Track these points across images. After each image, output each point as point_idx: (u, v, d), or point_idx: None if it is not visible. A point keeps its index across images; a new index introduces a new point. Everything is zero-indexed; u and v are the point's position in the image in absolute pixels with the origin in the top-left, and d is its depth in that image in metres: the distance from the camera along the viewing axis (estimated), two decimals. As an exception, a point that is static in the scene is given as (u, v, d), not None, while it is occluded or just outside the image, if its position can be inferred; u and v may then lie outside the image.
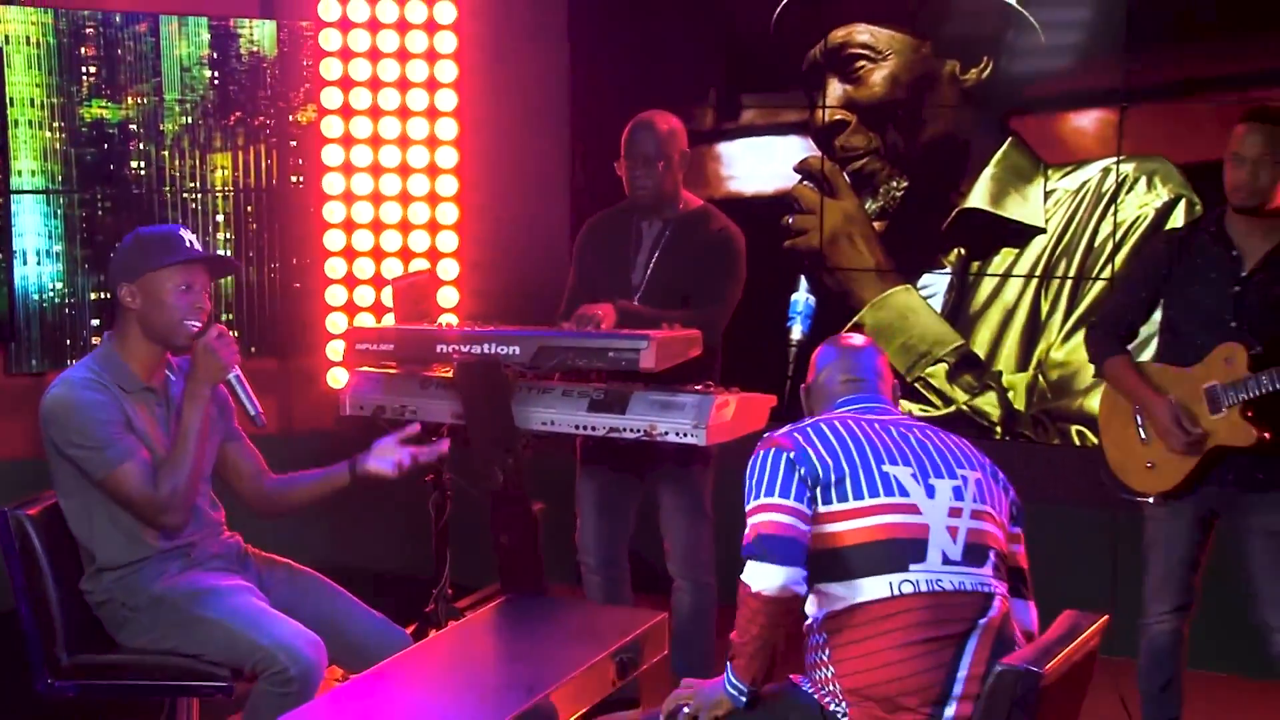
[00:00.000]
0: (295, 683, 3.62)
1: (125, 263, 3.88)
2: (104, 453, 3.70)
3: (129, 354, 3.86)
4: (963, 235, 6.29)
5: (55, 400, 3.77)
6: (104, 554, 3.79)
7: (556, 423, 4.42)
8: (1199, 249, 4.42)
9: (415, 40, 6.74)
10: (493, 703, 3.19)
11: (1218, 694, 5.28)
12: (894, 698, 3.06)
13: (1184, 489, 4.39)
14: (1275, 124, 4.26)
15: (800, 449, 3.19)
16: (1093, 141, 6.05)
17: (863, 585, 3.12)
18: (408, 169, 6.82)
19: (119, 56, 6.49)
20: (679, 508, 4.85)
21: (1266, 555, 4.37)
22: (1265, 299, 4.28)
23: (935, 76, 6.27)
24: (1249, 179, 4.25)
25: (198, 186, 6.72)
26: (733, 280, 4.81)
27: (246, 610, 3.74)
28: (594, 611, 4.11)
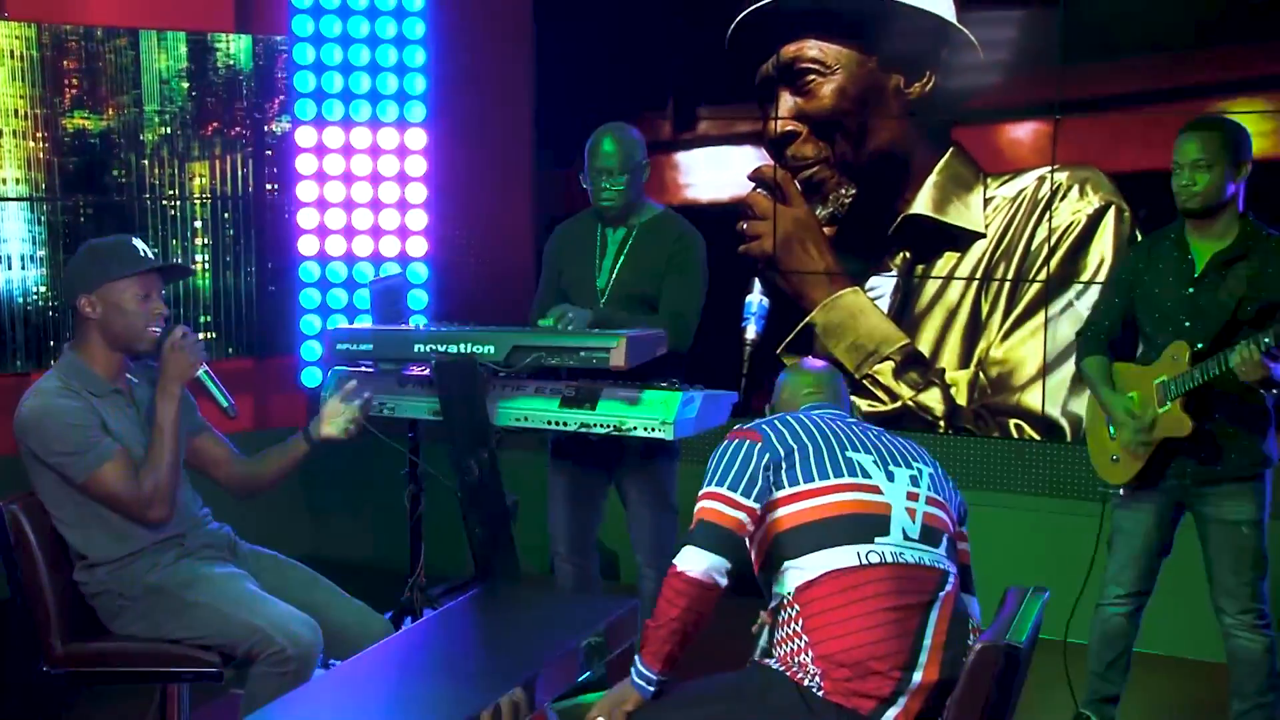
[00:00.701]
0: (293, 662, 3.60)
1: (83, 274, 3.83)
2: (84, 457, 3.66)
3: (92, 360, 3.82)
4: (908, 240, 6.31)
5: (30, 411, 3.73)
6: (96, 553, 3.75)
7: (530, 419, 4.38)
8: (1162, 255, 4.44)
9: (385, 54, 6.71)
10: (476, 687, 3.14)
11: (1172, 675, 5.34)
12: (864, 662, 3.05)
13: (1144, 481, 4.42)
14: (1209, 130, 4.30)
15: (767, 437, 3.24)
16: (1029, 152, 6.08)
17: (831, 554, 3.14)
18: (378, 177, 6.80)
19: (100, 69, 6.43)
20: (645, 500, 4.84)
21: (1221, 543, 4.40)
22: (1212, 298, 4.30)
23: (881, 90, 6.28)
24: (1186, 183, 4.28)
25: (176, 194, 6.67)
26: (695, 282, 4.80)
27: (242, 594, 3.72)
28: (568, 599, 4.08)
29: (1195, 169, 4.26)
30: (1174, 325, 4.36)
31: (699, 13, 6.55)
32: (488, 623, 3.67)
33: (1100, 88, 5.93)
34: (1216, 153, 4.25)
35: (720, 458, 3.24)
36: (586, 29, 6.79)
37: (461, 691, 3.12)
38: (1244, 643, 4.40)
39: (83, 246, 3.97)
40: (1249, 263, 4.28)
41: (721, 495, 3.16)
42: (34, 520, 3.70)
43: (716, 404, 4.40)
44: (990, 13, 6.08)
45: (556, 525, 4.95)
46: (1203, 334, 4.28)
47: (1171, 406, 4.30)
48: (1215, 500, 4.38)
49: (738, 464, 3.19)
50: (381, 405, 4.60)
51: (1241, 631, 4.40)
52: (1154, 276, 4.44)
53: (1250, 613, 4.39)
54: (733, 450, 3.24)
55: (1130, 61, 5.88)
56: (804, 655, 3.11)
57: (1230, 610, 4.41)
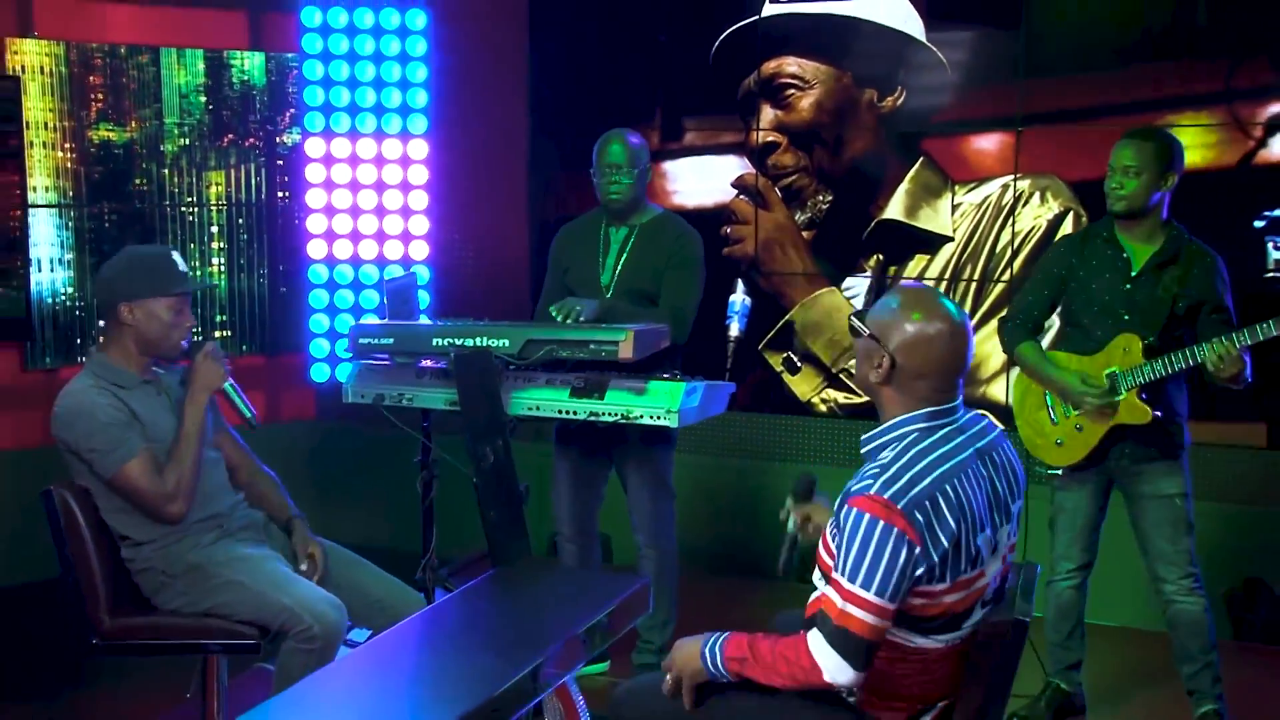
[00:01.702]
0: (319, 640, 3.60)
1: (125, 283, 3.81)
2: (111, 454, 3.66)
3: (121, 359, 3.81)
4: (881, 243, 6.32)
5: (65, 410, 3.73)
6: (140, 533, 3.73)
7: (541, 408, 4.36)
8: (1095, 252, 4.47)
9: (389, 70, 6.71)
10: (505, 659, 3.09)
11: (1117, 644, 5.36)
12: (900, 694, 2.96)
13: (1088, 462, 4.46)
14: (1144, 140, 4.34)
15: (921, 535, 2.75)
16: (993, 161, 6.10)
17: (920, 639, 2.90)
18: (383, 185, 6.80)
19: (124, 84, 6.43)
20: (644, 483, 4.84)
21: (1158, 515, 4.44)
22: (1151, 295, 4.35)
23: (856, 103, 6.29)
24: (1116, 186, 4.34)
25: (194, 201, 6.65)
26: (694, 279, 4.80)
27: (275, 575, 3.72)
28: (584, 577, 4.06)
29: (1125, 174, 4.32)
30: (1113, 318, 4.40)
31: (685, 31, 6.55)
32: (510, 600, 3.63)
33: (1058, 102, 5.96)
34: (1146, 161, 4.30)
35: (874, 548, 2.75)
36: (579, 46, 6.79)
37: (492, 663, 3.08)
38: (1185, 606, 4.44)
39: (125, 254, 3.95)
40: (1178, 265, 4.35)
41: (876, 606, 2.74)
42: (82, 503, 3.69)
43: (716, 394, 4.41)
44: (956, 33, 6.09)
45: (561, 508, 4.95)
46: (1146, 328, 4.34)
47: (1128, 396, 4.33)
48: (1150, 478, 4.43)
49: (885, 563, 2.73)
50: (400, 396, 4.58)
51: (1182, 596, 4.44)
52: (1089, 271, 4.47)
53: (1189, 577, 4.43)
54: (881, 541, 2.74)
55: (1086, 78, 5.91)
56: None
57: (1170, 577, 4.45)
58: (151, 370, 3.90)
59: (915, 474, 2.80)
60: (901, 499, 2.76)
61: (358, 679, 3.05)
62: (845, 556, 2.78)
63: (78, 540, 3.65)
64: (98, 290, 3.95)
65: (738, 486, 6.41)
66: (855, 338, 3.02)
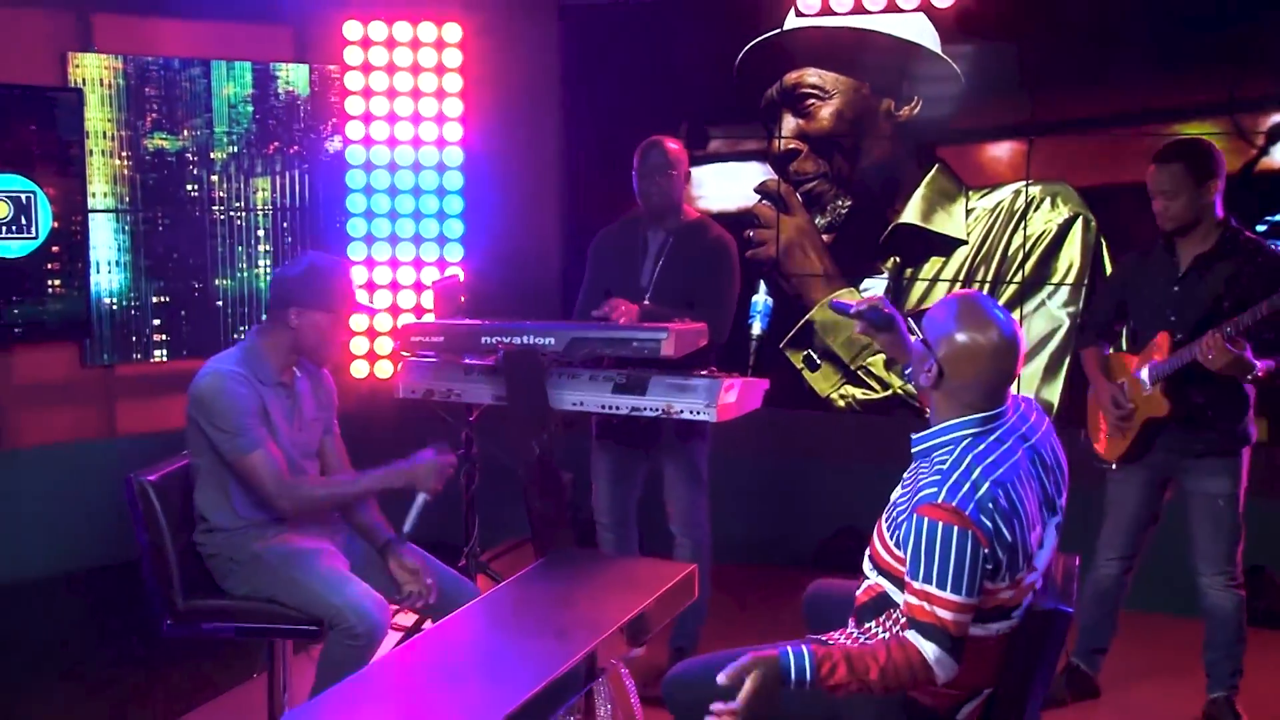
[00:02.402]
0: (362, 638, 3.61)
1: (300, 289, 3.82)
2: (237, 439, 3.69)
3: (271, 352, 3.83)
4: (897, 246, 6.32)
5: (206, 386, 3.75)
6: (217, 518, 3.75)
7: (585, 403, 4.40)
8: (1154, 260, 4.48)
9: (427, 81, 6.73)
10: (566, 641, 3.13)
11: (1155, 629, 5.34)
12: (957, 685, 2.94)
13: (1131, 456, 4.47)
14: (1175, 162, 4.31)
15: (990, 537, 2.79)
16: (1006, 168, 6.10)
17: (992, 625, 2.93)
18: (419, 190, 6.81)
19: (176, 96, 6.45)
20: (680, 476, 4.84)
21: (1201, 513, 4.45)
22: (1193, 295, 4.34)
23: (874, 112, 6.30)
24: (1162, 210, 4.33)
25: (242, 206, 6.66)
26: (729, 281, 4.80)
27: (326, 573, 3.71)
28: (631, 565, 4.09)
29: (1166, 197, 4.31)
30: (1160, 319, 4.40)
31: (710, 44, 6.55)
32: (563, 587, 3.63)
33: (1069, 111, 5.96)
34: (1180, 183, 4.28)
35: (948, 552, 2.78)
36: (608, 58, 6.79)
37: (551, 647, 3.11)
38: (1217, 599, 4.47)
39: (307, 261, 3.94)
40: (1228, 263, 4.31)
41: (965, 606, 2.78)
42: (160, 493, 3.70)
43: (752, 390, 4.43)
44: (970, 45, 6.08)
45: (600, 498, 4.97)
46: (1184, 326, 4.32)
47: (1154, 390, 4.34)
48: (1197, 474, 4.43)
49: (965, 566, 2.76)
50: (449, 392, 4.60)
51: (1216, 590, 4.46)
52: (1144, 278, 4.49)
53: (1224, 574, 4.45)
54: (960, 547, 2.77)
55: (1094, 89, 5.91)
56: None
57: (1206, 571, 4.47)
58: (291, 371, 3.92)
59: (976, 479, 2.82)
60: (968, 504, 2.79)
61: (427, 661, 3.08)
62: (925, 564, 2.79)
63: (155, 527, 3.67)
64: (273, 285, 3.93)
65: (761, 479, 6.42)
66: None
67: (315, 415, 3.96)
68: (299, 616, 3.69)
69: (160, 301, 6.50)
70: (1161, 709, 4.69)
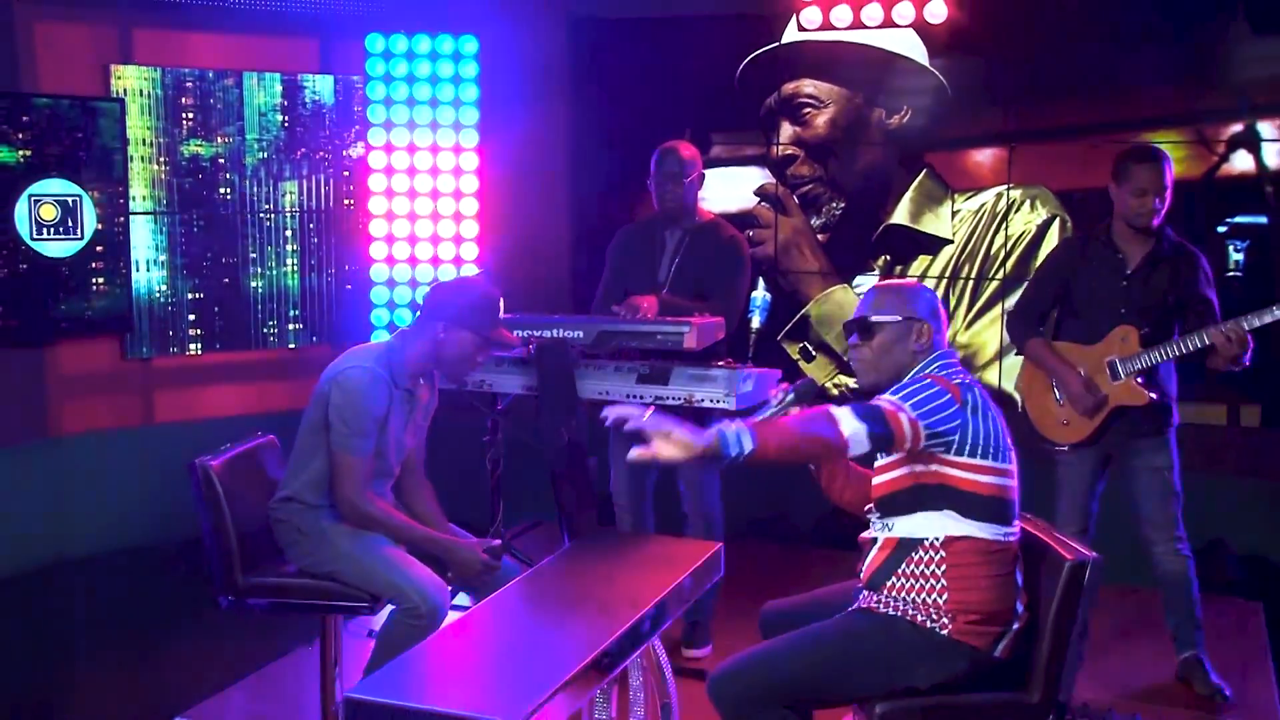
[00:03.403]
0: (425, 618, 3.59)
1: (454, 307, 3.78)
2: (350, 439, 3.66)
3: (411, 358, 3.78)
4: (888, 245, 6.36)
5: (354, 379, 3.69)
6: (300, 490, 3.74)
7: (611, 392, 4.40)
8: (1095, 254, 4.51)
9: (444, 91, 6.73)
10: (610, 615, 3.13)
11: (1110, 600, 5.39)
12: (990, 610, 3.06)
13: (1090, 440, 4.50)
14: (1160, 162, 4.35)
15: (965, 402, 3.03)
16: (988, 172, 6.14)
17: (984, 527, 3.06)
18: (437, 193, 6.83)
19: (210, 105, 6.46)
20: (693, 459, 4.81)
21: (1149, 486, 4.50)
22: (1145, 291, 4.40)
23: (866, 121, 6.33)
24: (1155, 206, 4.34)
25: (271, 208, 6.66)
26: (741, 277, 4.80)
27: (391, 556, 3.69)
28: (662, 544, 4.00)
29: (1158, 194, 4.33)
30: (1111, 312, 4.43)
31: (712, 56, 6.56)
32: (601, 565, 3.61)
33: (1046, 121, 6.01)
34: (1166, 181, 4.33)
35: (924, 389, 3.02)
36: (616, 68, 6.80)
37: (597, 621, 3.10)
38: (1170, 565, 4.51)
39: (467, 281, 4.01)
40: (1170, 263, 4.40)
41: (908, 413, 2.96)
42: (223, 477, 3.69)
43: (765, 380, 4.44)
44: (956, 60, 6.12)
45: (619, 482, 4.93)
46: (1141, 320, 4.38)
47: (1127, 380, 4.38)
48: (1144, 453, 4.49)
49: (934, 404, 2.98)
50: (481, 382, 4.61)
51: (1168, 557, 4.51)
52: (1088, 270, 4.51)
53: (1174, 540, 4.50)
54: (936, 392, 3.01)
55: (1069, 100, 5.96)
56: (937, 597, 3.06)
57: (1158, 540, 4.51)
58: (419, 380, 3.88)
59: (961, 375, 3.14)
60: (955, 379, 3.09)
61: (483, 635, 3.08)
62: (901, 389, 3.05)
63: (217, 509, 3.66)
64: (428, 296, 3.86)
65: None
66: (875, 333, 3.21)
67: (422, 423, 3.94)
68: (354, 593, 3.68)
69: (195, 298, 6.50)
70: (1136, 675, 4.72)
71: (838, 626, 3.14)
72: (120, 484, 6.36)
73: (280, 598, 3.74)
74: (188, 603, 5.58)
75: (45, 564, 6.06)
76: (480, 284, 3.91)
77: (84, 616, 5.65)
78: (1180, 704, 4.47)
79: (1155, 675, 4.67)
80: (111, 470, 6.34)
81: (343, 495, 3.70)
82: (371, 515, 3.71)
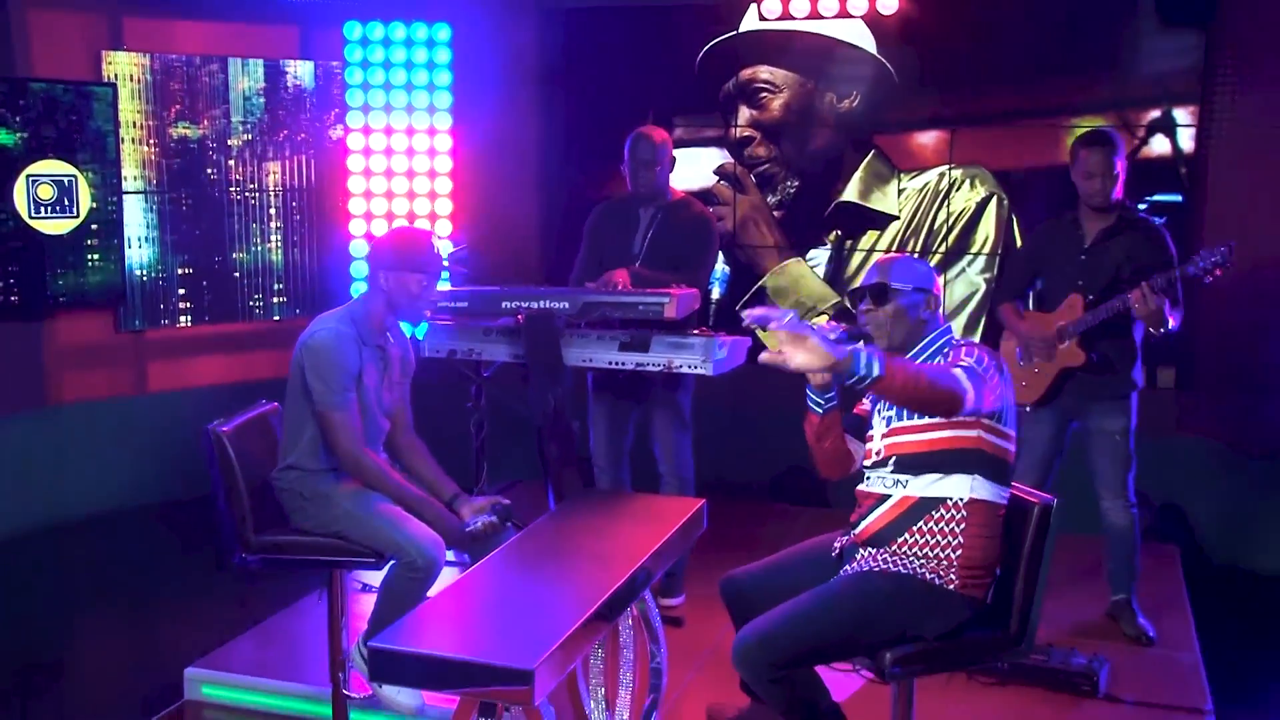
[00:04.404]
0: (421, 571, 3.56)
1: (387, 255, 3.74)
2: (332, 397, 3.62)
3: (369, 312, 3.75)
4: (839, 221, 6.39)
5: (320, 341, 3.65)
6: (298, 459, 3.71)
7: (594, 360, 4.40)
8: (1061, 233, 4.56)
9: (419, 76, 6.68)
10: (609, 567, 3.14)
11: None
12: (988, 566, 3.12)
13: (1044, 400, 4.57)
14: (1107, 144, 4.41)
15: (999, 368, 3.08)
16: (932, 153, 6.19)
17: (996, 489, 3.11)
18: (412, 173, 6.80)
19: (198, 89, 6.38)
20: (667, 423, 4.79)
21: (1102, 447, 4.57)
22: (1099, 264, 4.46)
23: (818, 105, 6.36)
24: (1101, 187, 4.40)
25: (256, 187, 6.59)
26: (709, 251, 4.80)
27: (390, 514, 3.65)
28: (647, 500, 3.96)
29: (1105, 178, 4.38)
30: (1070, 283, 4.50)
31: (675, 43, 6.56)
32: (593, 522, 3.61)
33: (985, 106, 6.07)
34: (1110, 165, 4.38)
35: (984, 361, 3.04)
36: (583, 55, 6.77)
37: (598, 573, 3.11)
38: (1117, 519, 4.59)
39: (394, 231, 3.88)
40: (1125, 237, 4.44)
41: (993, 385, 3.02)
42: (234, 441, 3.66)
43: (737, 347, 4.46)
44: (903, 48, 6.16)
45: (597, 444, 4.90)
46: (1093, 289, 4.43)
47: (1070, 344, 4.45)
48: (1098, 415, 4.54)
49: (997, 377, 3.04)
50: (470, 351, 4.59)
51: (1116, 512, 4.58)
52: (1054, 247, 4.57)
53: (1122, 498, 4.57)
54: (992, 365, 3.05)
55: (1008, 87, 6.02)
56: (951, 553, 3.08)
57: (1107, 496, 4.58)
58: (386, 335, 3.82)
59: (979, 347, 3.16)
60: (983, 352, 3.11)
61: (491, 589, 3.08)
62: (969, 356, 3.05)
63: (230, 472, 3.63)
64: (369, 255, 3.84)
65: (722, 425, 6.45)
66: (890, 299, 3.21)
67: (399, 379, 3.90)
68: (360, 550, 3.66)
69: (184, 273, 6.43)
70: (1071, 614, 4.79)
71: (853, 588, 3.11)
72: (115, 449, 6.30)
73: (292, 554, 3.71)
74: (185, 560, 5.56)
75: (45, 525, 6.00)
76: (406, 228, 3.90)
77: (87, 573, 5.60)
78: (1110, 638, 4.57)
79: (1087, 614, 4.76)
80: (106, 436, 6.28)
81: (341, 450, 3.67)
82: (366, 467, 3.67)
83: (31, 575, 5.55)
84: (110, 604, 5.19)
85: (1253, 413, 5.76)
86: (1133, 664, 4.37)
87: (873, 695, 3.80)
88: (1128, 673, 4.28)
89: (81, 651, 4.80)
